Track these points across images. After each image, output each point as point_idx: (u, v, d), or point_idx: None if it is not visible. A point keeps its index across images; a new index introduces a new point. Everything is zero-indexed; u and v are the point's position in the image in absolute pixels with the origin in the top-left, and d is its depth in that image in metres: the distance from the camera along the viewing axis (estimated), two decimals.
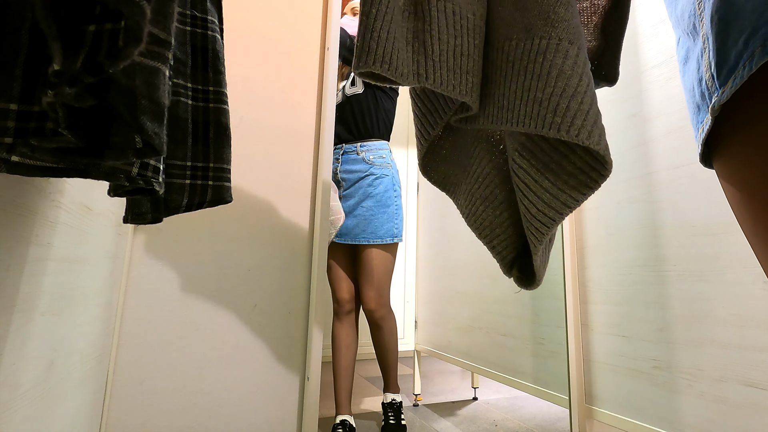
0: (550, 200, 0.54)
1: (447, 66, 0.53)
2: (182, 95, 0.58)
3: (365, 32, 0.50)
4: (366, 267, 1.58)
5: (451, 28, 0.54)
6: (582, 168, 0.53)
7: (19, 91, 0.27)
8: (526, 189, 0.57)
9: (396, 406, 1.63)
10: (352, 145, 1.63)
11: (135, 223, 0.59)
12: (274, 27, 1.32)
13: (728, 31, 0.29)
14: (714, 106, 0.31)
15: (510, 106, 0.53)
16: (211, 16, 0.61)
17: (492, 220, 0.63)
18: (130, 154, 0.29)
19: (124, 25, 0.24)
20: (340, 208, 1.56)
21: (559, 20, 0.50)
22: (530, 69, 0.51)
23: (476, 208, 0.64)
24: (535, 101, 0.49)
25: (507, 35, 0.54)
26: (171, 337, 1.08)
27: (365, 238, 1.57)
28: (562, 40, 0.50)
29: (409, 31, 0.54)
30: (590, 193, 0.53)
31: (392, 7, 0.52)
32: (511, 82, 0.53)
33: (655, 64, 1.17)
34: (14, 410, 0.51)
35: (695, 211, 1.01)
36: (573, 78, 0.48)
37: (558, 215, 0.54)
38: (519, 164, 0.57)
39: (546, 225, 0.55)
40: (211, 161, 0.62)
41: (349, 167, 1.62)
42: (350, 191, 1.61)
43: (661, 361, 1.06)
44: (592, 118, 0.48)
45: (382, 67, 0.49)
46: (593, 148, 0.47)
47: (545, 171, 0.55)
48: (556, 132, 0.48)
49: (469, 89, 0.55)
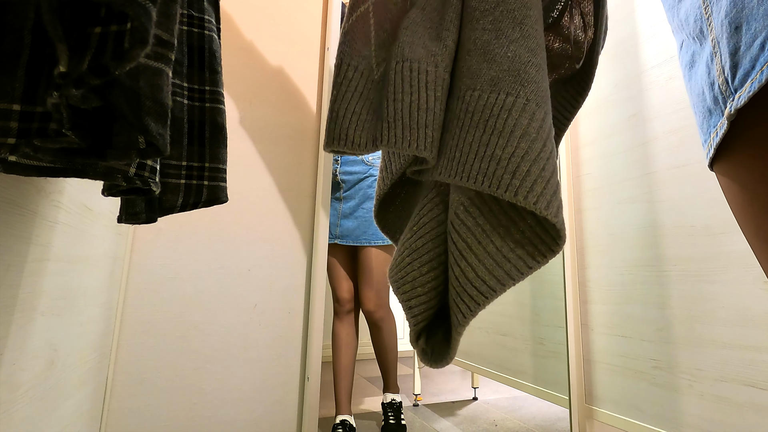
0: (493, 267, 0.49)
1: (402, 124, 0.52)
2: (178, 95, 0.58)
3: (328, 114, 0.54)
4: (365, 268, 1.59)
5: (407, 86, 0.53)
6: (530, 238, 0.49)
7: (22, 92, 0.26)
8: (465, 249, 0.51)
9: (396, 406, 1.63)
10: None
11: (129, 223, 0.59)
12: (275, 27, 1.32)
13: (740, 36, 0.29)
14: (730, 111, 0.30)
15: (463, 160, 0.49)
16: (208, 15, 0.61)
17: (416, 276, 0.56)
18: (133, 155, 0.29)
19: (130, 27, 0.23)
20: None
21: (529, 80, 0.48)
22: (491, 123, 0.48)
23: (402, 259, 0.57)
24: (493, 158, 0.47)
25: (470, 85, 0.51)
26: (171, 337, 1.08)
27: (365, 239, 1.58)
28: (530, 101, 0.48)
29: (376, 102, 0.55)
30: (537, 267, 0.49)
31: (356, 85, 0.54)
32: (467, 134, 0.50)
33: (655, 64, 1.17)
34: (14, 410, 0.51)
35: (695, 211, 1.01)
36: (537, 142, 0.46)
37: (499, 285, 0.49)
38: (462, 220, 0.52)
39: (483, 295, 0.49)
40: (207, 161, 0.61)
41: (348, 168, 1.62)
42: (350, 193, 1.62)
43: (661, 361, 1.06)
44: (552, 188, 0.45)
45: (339, 144, 0.52)
46: (550, 219, 0.45)
47: (491, 234, 0.50)
48: (513, 196, 0.45)
49: (428, 143, 0.52)
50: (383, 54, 0.57)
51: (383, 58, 0.57)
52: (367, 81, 0.55)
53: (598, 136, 1.33)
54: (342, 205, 1.61)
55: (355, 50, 0.55)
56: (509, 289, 0.49)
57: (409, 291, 0.55)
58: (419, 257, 0.56)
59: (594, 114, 1.36)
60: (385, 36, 0.57)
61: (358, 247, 1.61)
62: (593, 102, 1.37)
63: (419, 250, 0.56)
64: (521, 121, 0.47)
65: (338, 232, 1.60)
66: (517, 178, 0.45)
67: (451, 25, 0.56)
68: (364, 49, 0.56)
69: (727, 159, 0.34)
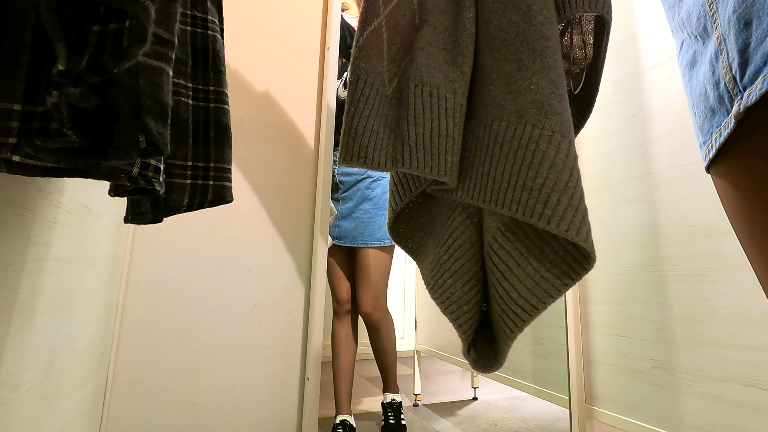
0: (533, 287, 0.53)
1: (424, 149, 0.54)
2: (183, 95, 0.58)
3: (345, 129, 0.55)
4: (363, 269, 1.58)
5: (428, 112, 0.55)
6: (564, 258, 0.52)
7: (23, 92, 0.26)
8: (506, 271, 0.55)
9: (396, 406, 1.63)
10: None
11: (135, 223, 0.59)
12: (275, 27, 1.32)
13: (750, 31, 0.28)
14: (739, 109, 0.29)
15: (495, 187, 0.53)
16: (211, 16, 0.61)
17: (460, 296, 0.60)
18: (134, 154, 0.29)
19: (129, 25, 0.23)
20: (333, 205, 1.56)
21: (552, 112, 0.51)
22: (520, 155, 0.51)
23: (443, 281, 0.61)
24: (524, 189, 0.50)
25: (497, 115, 0.55)
26: (171, 337, 1.08)
27: (363, 240, 1.58)
28: (555, 132, 0.50)
29: (393, 119, 0.56)
30: (571, 284, 0.52)
31: (371, 102, 0.55)
32: (497, 163, 0.53)
33: (655, 64, 1.17)
34: (14, 410, 0.51)
35: (695, 211, 1.01)
36: (564, 172, 0.49)
37: (541, 304, 0.53)
38: (501, 244, 0.56)
39: (528, 312, 0.53)
40: (212, 161, 0.62)
41: (346, 170, 1.62)
42: (348, 194, 1.62)
43: (661, 361, 1.06)
44: (580, 215, 0.48)
45: (358, 161, 0.54)
46: (581, 245, 0.48)
47: (528, 256, 0.54)
48: (546, 224, 0.48)
49: (448, 169, 0.55)
50: (394, 69, 0.58)
51: (394, 74, 0.58)
52: (381, 98, 0.56)
53: (598, 136, 1.33)
54: (340, 206, 1.61)
55: (371, 66, 0.56)
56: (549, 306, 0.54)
57: (457, 310, 0.59)
58: (460, 278, 0.60)
59: (594, 114, 1.36)
60: (396, 50, 0.58)
61: (356, 248, 1.61)
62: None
63: (459, 271, 0.60)
64: (548, 153, 0.50)
65: (336, 233, 1.60)
66: (548, 208, 0.48)
67: (466, 51, 0.58)
68: (378, 65, 0.57)
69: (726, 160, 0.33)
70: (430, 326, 2.12)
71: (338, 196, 1.62)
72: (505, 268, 0.55)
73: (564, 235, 0.47)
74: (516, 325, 0.54)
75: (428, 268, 0.64)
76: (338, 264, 1.64)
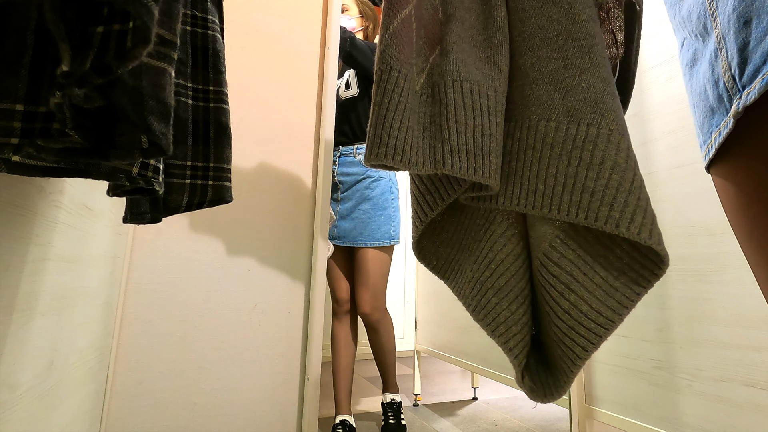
0: (604, 297, 0.48)
1: (467, 149, 0.50)
2: (183, 95, 0.58)
3: (377, 123, 0.49)
4: (362, 269, 1.58)
5: (469, 109, 0.51)
6: (630, 264, 0.48)
7: (25, 92, 0.26)
8: (572, 282, 0.49)
9: (395, 406, 1.63)
10: (348, 148, 1.63)
11: (134, 223, 0.59)
12: (274, 27, 1.32)
13: (749, 30, 0.28)
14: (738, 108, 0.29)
15: (548, 192, 0.49)
16: (211, 15, 0.61)
17: (507, 315, 0.54)
18: (137, 154, 0.29)
19: (132, 26, 0.23)
20: (331, 210, 1.56)
21: (607, 110, 0.48)
22: (576, 155, 0.48)
23: (487, 301, 0.55)
24: (585, 191, 0.46)
25: (543, 115, 0.51)
26: (171, 337, 1.08)
27: (362, 240, 1.57)
28: (613, 131, 0.47)
29: (426, 116, 0.52)
30: (643, 292, 0.48)
31: (406, 95, 0.50)
32: (549, 165, 0.49)
33: (655, 64, 1.17)
34: (14, 410, 0.51)
35: (695, 211, 1.01)
36: (628, 171, 0.46)
37: (616, 316, 0.48)
38: (562, 253, 0.51)
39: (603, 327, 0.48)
40: (212, 161, 0.61)
41: (346, 170, 1.62)
42: (347, 194, 1.61)
43: (661, 361, 1.06)
44: (650, 217, 0.45)
45: (394, 159, 0.47)
46: (654, 248, 0.44)
47: (593, 265, 0.49)
48: (614, 227, 0.44)
49: (492, 171, 0.51)
50: (421, 63, 0.54)
51: (422, 68, 0.54)
52: (413, 92, 0.52)
53: None
54: (339, 206, 1.61)
55: (404, 56, 0.51)
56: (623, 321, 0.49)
57: (505, 333, 0.55)
58: (506, 295, 0.55)
59: None
60: (422, 44, 0.54)
61: (355, 248, 1.60)
62: None
63: (504, 288, 0.55)
64: (609, 152, 0.47)
65: (335, 233, 1.59)
66: (615, 210, 0.45)
67: (501, 49, 0.55)
68: (410, 56, 0.52)
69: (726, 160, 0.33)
70: (430, 326, 2.12)
71: (337, 197, 1.62)
72: (569, 279, 0.50)
73: (636, 239, 0.44)
74: (589, 342, 0.49)
75: (466, 288, 0.59)
76: (337, 264, 1.64)
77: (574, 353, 0.50)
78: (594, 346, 0.49)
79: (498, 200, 0.54)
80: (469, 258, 0.60)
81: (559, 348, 0.52)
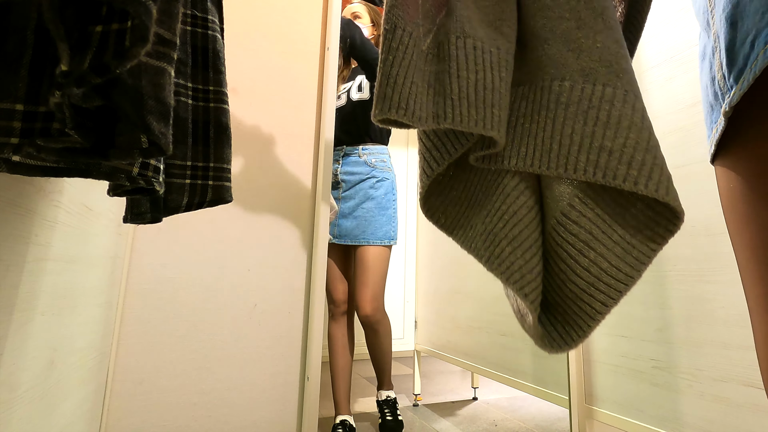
0: (623, 254, 0.50)
1: (468, 101, 0.51)
2: (183, 95, 0.58)
3: (382, 79, 0.49)
4: (363, 268, 1.58)
5: (471, 63, 0.52)
6: (645, 222, 0.50)
7: (25, 92, 0.26)
8: (591, 240, 0.51)
9: (391, 403, 1.64)
10: (353, 148, 1.63)
11: (135, 223, 0.59)
12: (275, 27, 1.32)
13: (736, 32, 0.28)
14: (725, 108, 0.30)
15: (563, 152, 0.49)
16: (211, 15, 0.61)
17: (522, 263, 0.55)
18: (136, 154, 0.29)
19: (131, 26, 0.23)
20: (335, 203, 1.56)
21: (623, 71, 0.49)
22: (592, 115, 0.48)
23: (501, 250, 0.56)
24: (602, 150, 0.47)
25: (557, 75, 0.51)
26: (171, 337, 1.08)
27: (365, 238, 1.57)
28: (628, 92, 0.48)
29: (431, 75, 0.52)
30: (659, 248, 0.49)
31: (411, 52, 0.51)
32: (564, 125, 0.50)
33: (655, 64, 1.17)
34: (14, 410, 0.51)
35: (695, 211, 1.01)
36: (644, 131, 0.46)
37: (634, 272, 0.50)
38: (581, 212, 0.52)
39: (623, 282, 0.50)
40: (212, 161, 0.61)
41: (350, 169, 1.62)
42: (350, 193, 1.61)
43: (661, 361, 1.06)
44: (666, 175, 0.46)
45: (398, 113, 0.48)
46: (671, 204, 0.46)
47: (612, 223, 0.51)
48: (633, 185, 0.45)
49: (495, 123, 0.51)
50: (428, 24, 0.55)
51: (428, 29, 0.54)
52: (418, 50, 0.52)
53: None
54: (341, 205, 1.61)
55: (409, 15, 0.52)
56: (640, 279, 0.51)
57: (520, 279, 0.56)
58: (520, 245, 0.56)
59: None
60: (429, 6, 0.55)
61: (356, 246, 1.60)
62: None
63: (518, 238, 0.56)
64: (625, 111, 0.47)
65: (336, 232, 1.59)
66: (634, 168, 0.46)
67: (507, 12, 0.55)
68: (415, 15, 0.53)
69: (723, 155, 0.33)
70: (430, 326, 2.12)
71: (339, 195, 1.62)
72: (588, 237, 0.51)
73: (654, 195, 0.45)
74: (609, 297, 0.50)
75: (478, 241, 0.60)
76: (335, 264, 1.64)
77: (593, 309, 0.52)
78: (614, 301, 0.51)
79: (511, 161, 0.54)
80: (480, 213, 0.61)
81: (575, 305, 0.53)
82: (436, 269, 2.12)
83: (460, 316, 1.86)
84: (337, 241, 1.59)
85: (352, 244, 1.59)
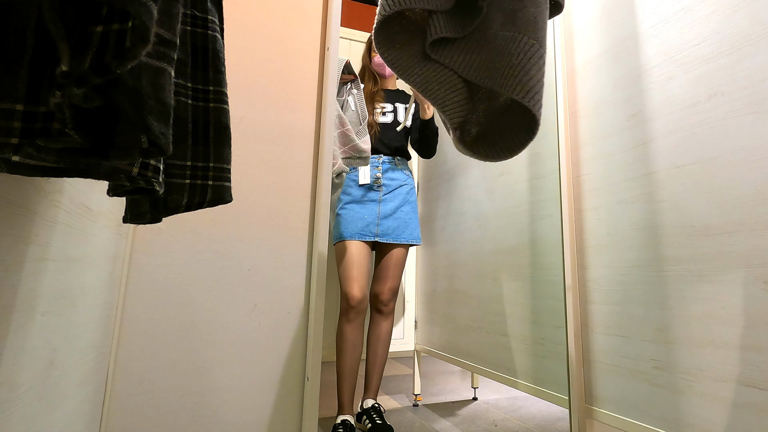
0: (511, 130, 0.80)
1: None
2: (183, 95, 0.58)
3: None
4: (391, 263, 1.74)
5: None
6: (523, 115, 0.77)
7: (25, 92, 0.26)
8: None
9: (378, 410, 1.64)
10: (390, 158, 1.85)
11: (134, 223, 0.59)
12: (274, 27, 1.32)
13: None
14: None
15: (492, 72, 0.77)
16: (211, 15, 0.61)
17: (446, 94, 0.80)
18: (136, 154, 0.29)
19: (132, 26, 0.23)
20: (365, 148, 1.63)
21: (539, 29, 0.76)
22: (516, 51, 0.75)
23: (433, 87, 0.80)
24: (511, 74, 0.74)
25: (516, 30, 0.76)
26: (171, 337, 1.08)
27: (405, 238, 1.77)
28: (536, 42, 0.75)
29: None
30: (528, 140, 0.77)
31: None
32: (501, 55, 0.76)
33: (655, 64, 1.17)
34: (13, 410, 0.51)
35: (695, 211, 1.01)
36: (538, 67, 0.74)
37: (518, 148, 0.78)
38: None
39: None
40: (212, 161, 0.61)
41: (392, 175, 1.82)
42: (390, 196, 1.79)
43: (661, 361, 1.06)
44: (540, 95, 0.73)
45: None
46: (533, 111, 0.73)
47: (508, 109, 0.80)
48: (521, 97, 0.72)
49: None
50: None
51: None
52: None
53: (598, 136, 1.33)
54: (381, 207, 1.76)
55: None
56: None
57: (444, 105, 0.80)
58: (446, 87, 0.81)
59: (593, 114, 1.36)
60: None
61: (387, 245, 1.76)
62: (593, 102, 1.37)
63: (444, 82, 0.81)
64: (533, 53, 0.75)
65: (378, 231, 1.73)
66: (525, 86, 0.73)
67: None
68: None
69: None
70: (430, 326, 2.12)
71: (379, 198, 1.78)
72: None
73: (527, 105, 0.71)
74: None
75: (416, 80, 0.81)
76: (357, 263, 1.65)
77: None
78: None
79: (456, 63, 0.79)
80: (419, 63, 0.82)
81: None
82: (436, 269, 2.12)
83: (460, 316, 1.86)
84: (379, 240, 1.72)
85: (393, 242, 1.74)
